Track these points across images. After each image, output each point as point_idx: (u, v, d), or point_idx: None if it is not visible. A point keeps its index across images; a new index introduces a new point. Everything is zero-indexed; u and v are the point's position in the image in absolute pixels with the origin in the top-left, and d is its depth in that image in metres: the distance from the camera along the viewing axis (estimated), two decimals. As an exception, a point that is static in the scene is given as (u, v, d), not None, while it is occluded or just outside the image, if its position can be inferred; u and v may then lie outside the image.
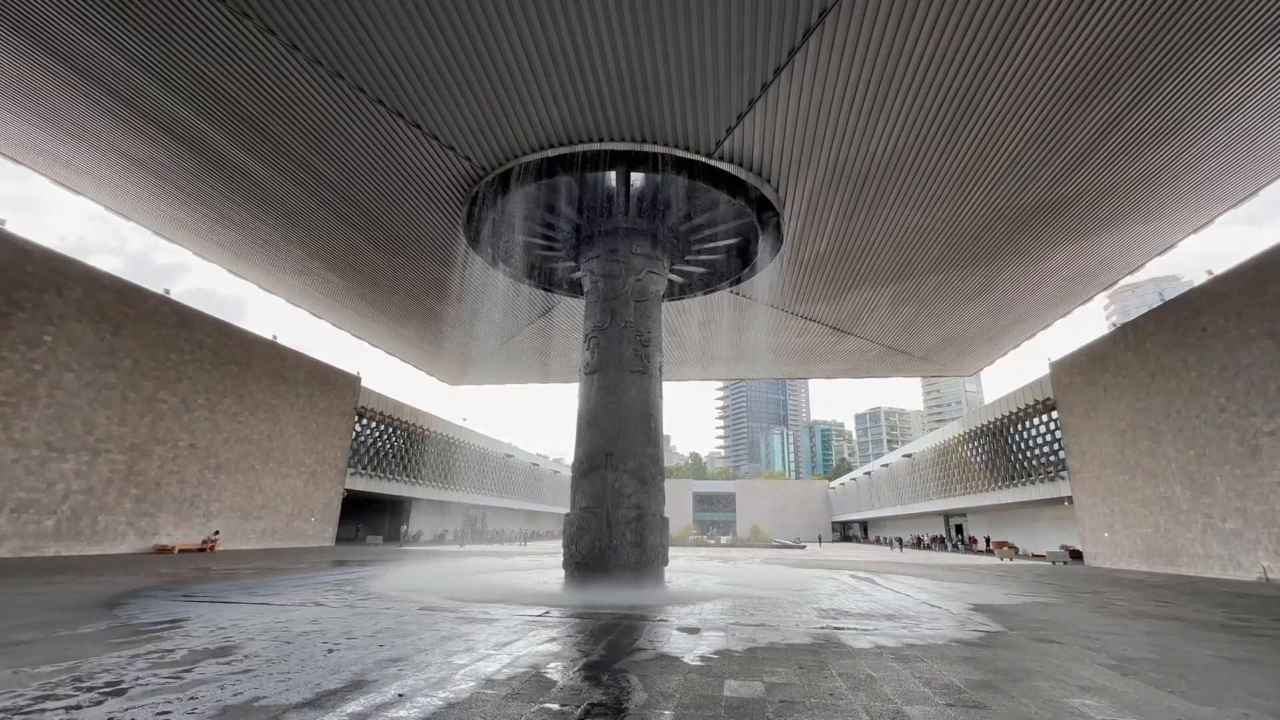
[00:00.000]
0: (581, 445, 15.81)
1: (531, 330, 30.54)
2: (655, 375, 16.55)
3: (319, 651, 6.60)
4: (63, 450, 22.84)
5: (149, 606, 9.75)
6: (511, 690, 5.21)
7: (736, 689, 5.40)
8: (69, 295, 23.22)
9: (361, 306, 30.17)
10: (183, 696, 4.83)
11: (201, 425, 28.93)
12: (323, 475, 37.45)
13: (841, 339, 29.84)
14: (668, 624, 9.04)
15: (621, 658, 6.62)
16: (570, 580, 14.40)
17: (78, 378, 23.40)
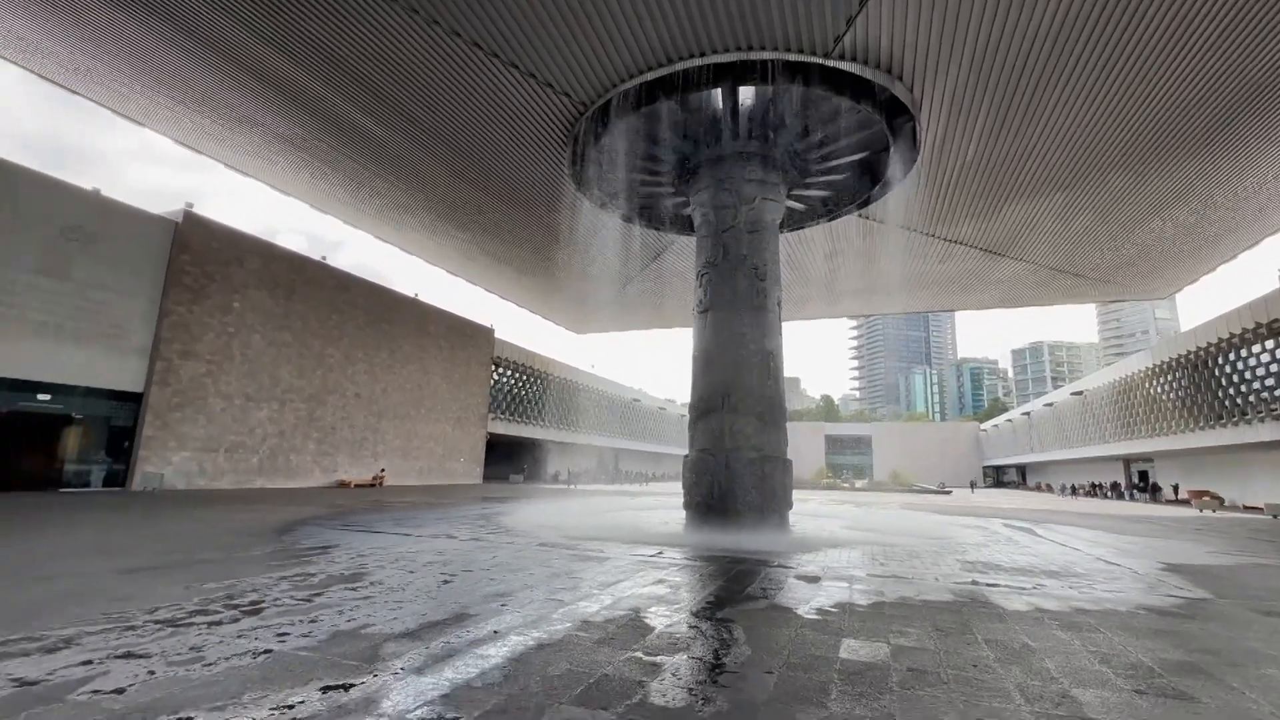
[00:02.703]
0: (697, 387, 15.34)
1: (646, 275, 30.18)
2: (773, 311, 15.46)
3: (435, 583, 6.88)
4: (258, 400, 26.72)
5: (311, 534, 11.00)
6: (605, 635, 4.97)
7: (855, 650, 4.73)
8: (249, 266, 26.58)
9: (488, 262, 31.58)
10: (305, 619, 5.15)
11: (363, 377, 32.44)
12: (467, 420, 40.80)
13: (994, 263, 26.15)
14: (786, 570, 8.47)
15: (729, 605, 6.19)
16: (690, 522, 14.25)
17: (262, 338, 27.01)
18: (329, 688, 3.67)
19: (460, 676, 3.92)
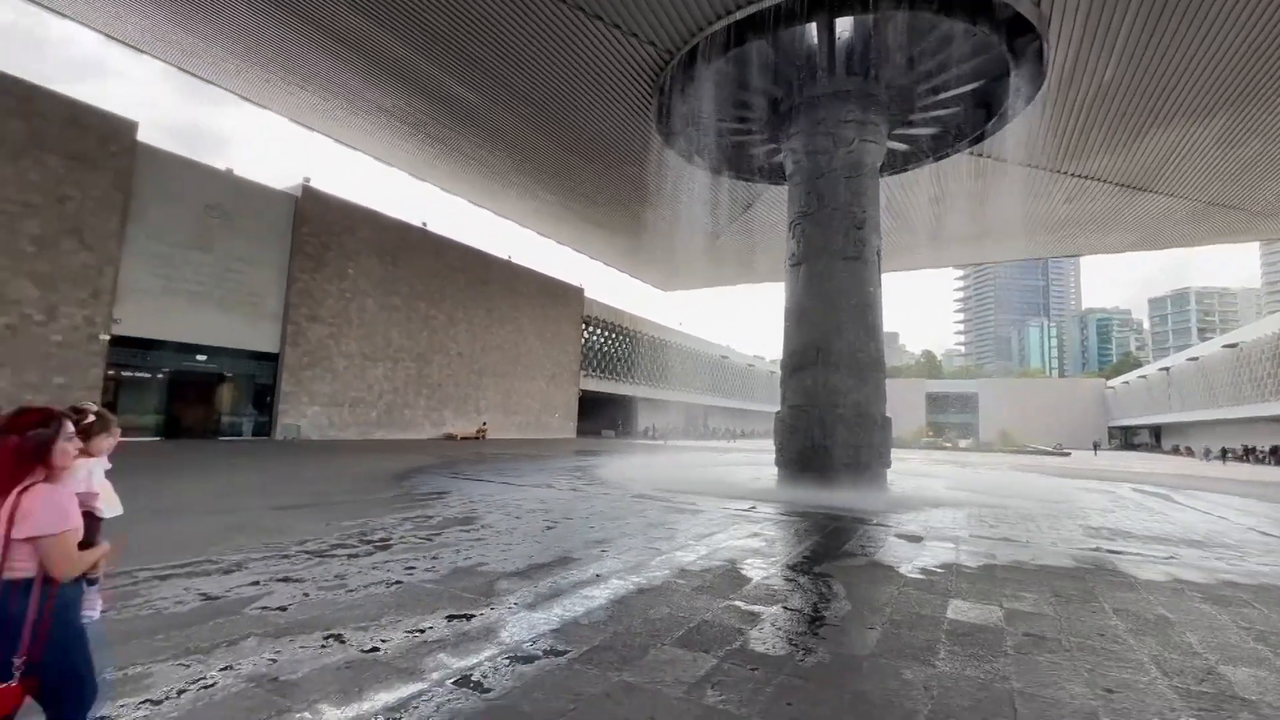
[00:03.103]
0: (790, 342, 14.92)
1: (735, 228, 29.38)
2: (871, 261, 14.62)
3: (539, 528, 7.31)
4: (374, 359, 29.06)
5: (426, 481, 11.98)
6: (703, 583, 5.10)
7: (965, 611, 4.56)
8: (359, 235, 28.53)
9: (577, 222, 31.99)
10: (427, 556, 5.66)
11: (464, 336, 34.32)
12: (560, 377, 42.32)
13: (1133, 199, 23.13)
14: (885, 529, 8.23)
15: (826, 561, 6.13)
16: (782, 478, 14.14)
17: (375, 302, 29.13)
18: (453, 617, 4.04)
19: (568, 614, 4.17)
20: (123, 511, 2.16)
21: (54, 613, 1.76)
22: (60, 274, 18.54)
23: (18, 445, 1.77)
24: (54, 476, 1.85)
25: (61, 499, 1.80)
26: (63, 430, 1.85)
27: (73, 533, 1.79)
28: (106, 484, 2.11)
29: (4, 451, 1.76)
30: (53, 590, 1.75)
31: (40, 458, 1.79)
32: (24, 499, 1.73)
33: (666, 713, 2.81)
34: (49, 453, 1.80)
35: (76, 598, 1.88)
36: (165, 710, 2.66)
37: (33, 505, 1.72)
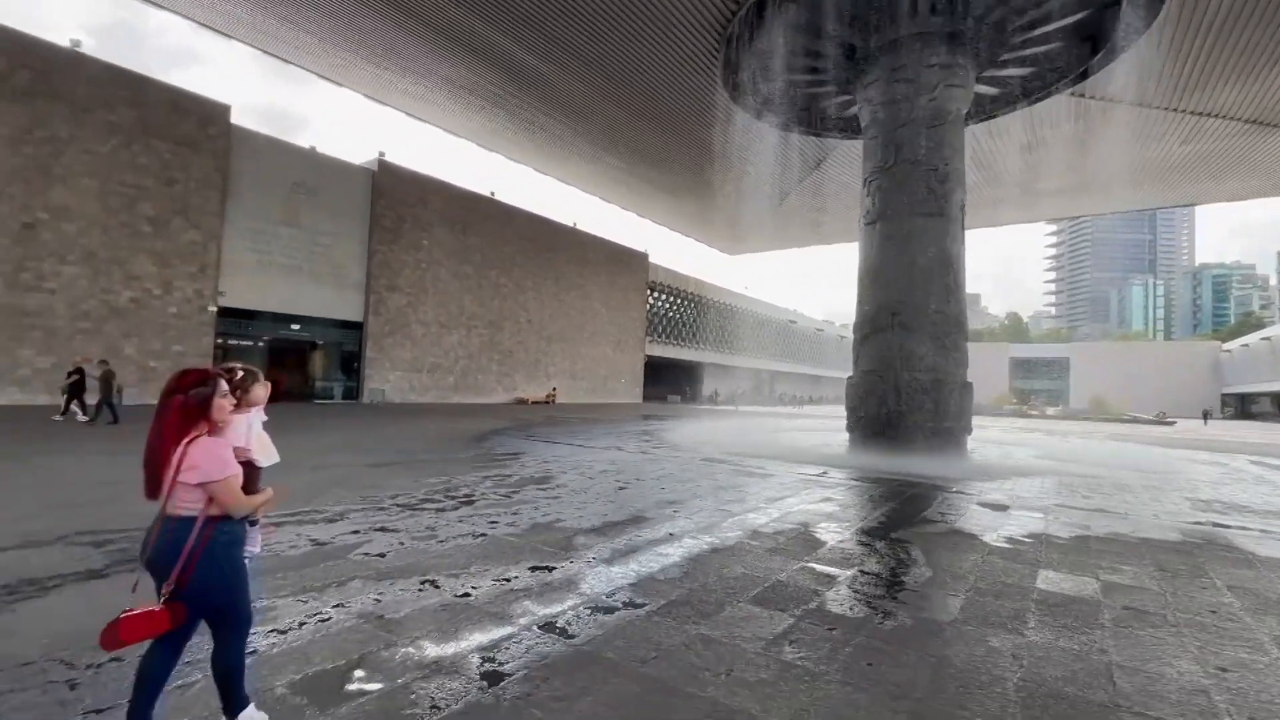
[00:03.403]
0: (863, 305, 14.37)
1: (805, 187, 28.26)
2: (954, 217, 13.74)
3: (611, 488, 7.51)
4: (449, 327, 30.28)
5: (502, 442, 12.50)
6: (776, 545, 5.11)
7: (1056, 582, 4.36)
8: (431, 206, 29.46)
9: (642, 186, 31.70)
10: (508, 511, 5.95)
11: (533, 304, 35.10)
12: (626, 343, 42.71)
13: (1262, 138, 20.50)
14: (966, 497, 7.93)
15: (904, 527, 5.99)
16: (854, 444, 13.81)
17: (448, 271, 30.19)
18: (535, 568, 4.25)
19: (644, 570, 4.30)
20: (279, 460, 2.39)
21: (219, 547, 2.00)
22: (172, 251, 20.25)
23: (183, 403, 1.99)
24: (214, 429, 2.07)
25: (221, 449, 2.02)
26: (219, 388, 2.06)
27: (234, 478, 2.02)
28: (264, 436, 2.33)
29: (172, 409, 1.98)
30: (210, 529, 1.98)
31: (202, 413, 2.01)
32: (190, 450, 1.96)
33: (745, 666, 2.87)
34: (209, 408, 2.02)
35: (239, 536, 2.11)
36: (290, 639, 2.96)
37: (197, 455, 1.95)
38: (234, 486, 2.02)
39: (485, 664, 2.79)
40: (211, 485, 1.96)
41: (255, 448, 2.26)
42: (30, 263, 17.47)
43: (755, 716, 2.42)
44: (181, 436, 1.97)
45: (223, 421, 2.09)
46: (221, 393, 2.06)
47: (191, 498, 1.97)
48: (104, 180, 18.79)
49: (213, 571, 1.98)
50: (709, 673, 2.79)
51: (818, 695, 2.61)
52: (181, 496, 1.96)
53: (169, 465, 1.95)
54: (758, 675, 2.78)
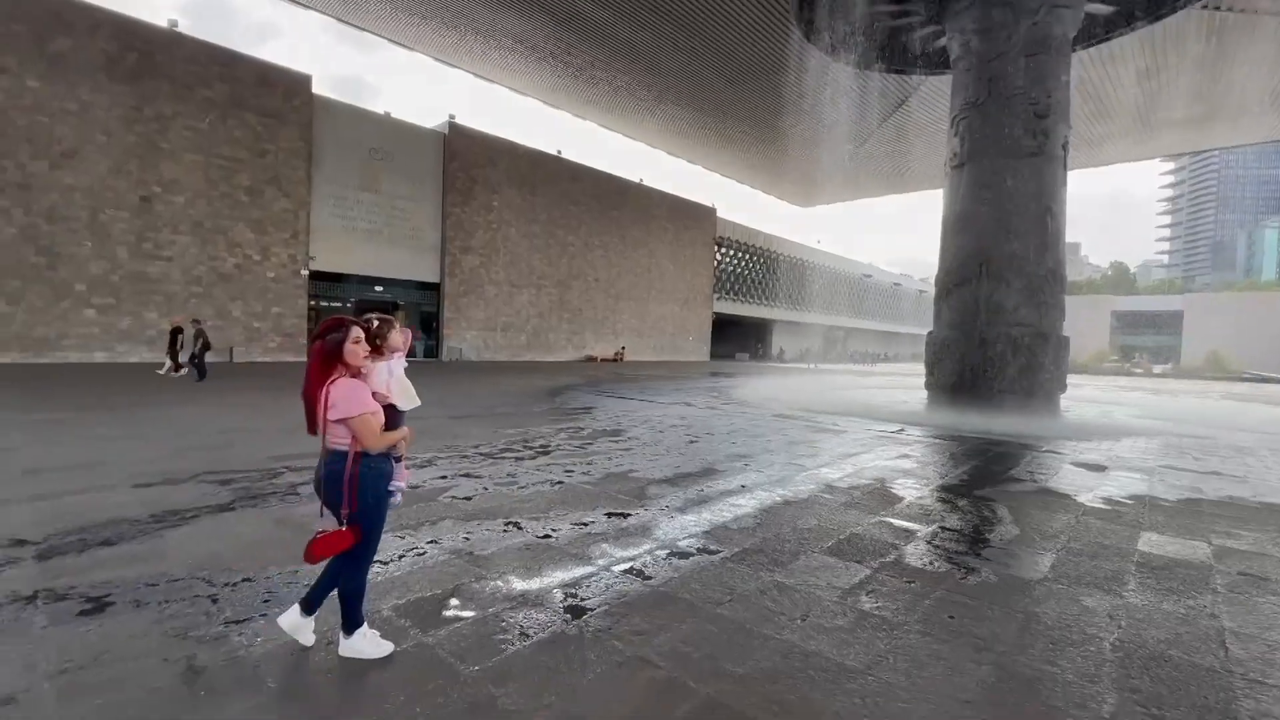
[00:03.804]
0: (947, 255, 13.53)
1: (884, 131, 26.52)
2: (1056, 156, 12.56)
3: (682, 441, 7.60)
4: (520, 286, 30.99)
5: (574, 397, 12.84)
6: (851, 499, 5.04)
7: (1161, 545, 4.08)
8: (500, 167, 29.81)
9: (709, 138, 30.78)
10: (582, 461, 6.15)
11: (600, 262, 35.26)
12: (694, 300, 42.34)
13: None
14: (1058, 456, 7.49)
15: (988, 485, 5.75)
16: (933, 402, 13.26)
17: (517, 231, 30.70)
18: (611, 514, 4.40)
19: (717, 519, 4.36)
20: (420, 404, 2.56)
21: (367, 478, 2.23)
22: (268, 219, 21.63)
23: (321, 348, 2.22)
24: (351, 372, 2.26)
25: (357, 389, 2.22)
26: (349, 334, 2.23)
27: (370, 415, 2.22)
28: (404, 381, 2.50)
29: (314, 354, 2.22)
30: (359, 463, 2.21)
31: (336, 356, 2.21)
32: (331, 390, 2.18)
33: (821, 613, 2.89)
34: (340, 352, 2.21)
35: (382, 470, 2.33)
36: (392, 570, 3.23)
37: (336, 394, 2.17)
38: (369, 423, 2.21)
39: (568, 599, 2.95)
40: (349, 421, 2.18)
41: (395, 391, 2.43)
42: (149, 233, 19.17)
43: (832, 660, 2.45)
44: (324, 378, 2.19)
45: (359, 365, 2.27)
46: (353, 338, 2.23)
47: (341, 433, 2.21)
48: (205, 154, 20.15)
49: (363, 499, 2.23)
50: (784, 617, 2.83)
51: (897, 643, 2.60)
52: (334, 432, 2.21)
53: (319, 404, 2.18)
54: (834, 622, 2.79)
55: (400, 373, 2.47)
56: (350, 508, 2.21)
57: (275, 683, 2.15)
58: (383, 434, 2.26)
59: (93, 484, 4.72)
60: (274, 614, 2.66)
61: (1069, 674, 2.39)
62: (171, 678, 2.15)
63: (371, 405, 2.22)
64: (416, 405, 2.55)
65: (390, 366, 2.43)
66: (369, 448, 2.20)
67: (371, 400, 2.24)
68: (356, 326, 2.28)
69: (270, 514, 4.14)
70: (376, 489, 2.28)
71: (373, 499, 2.27)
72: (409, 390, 2.49)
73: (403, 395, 2.45)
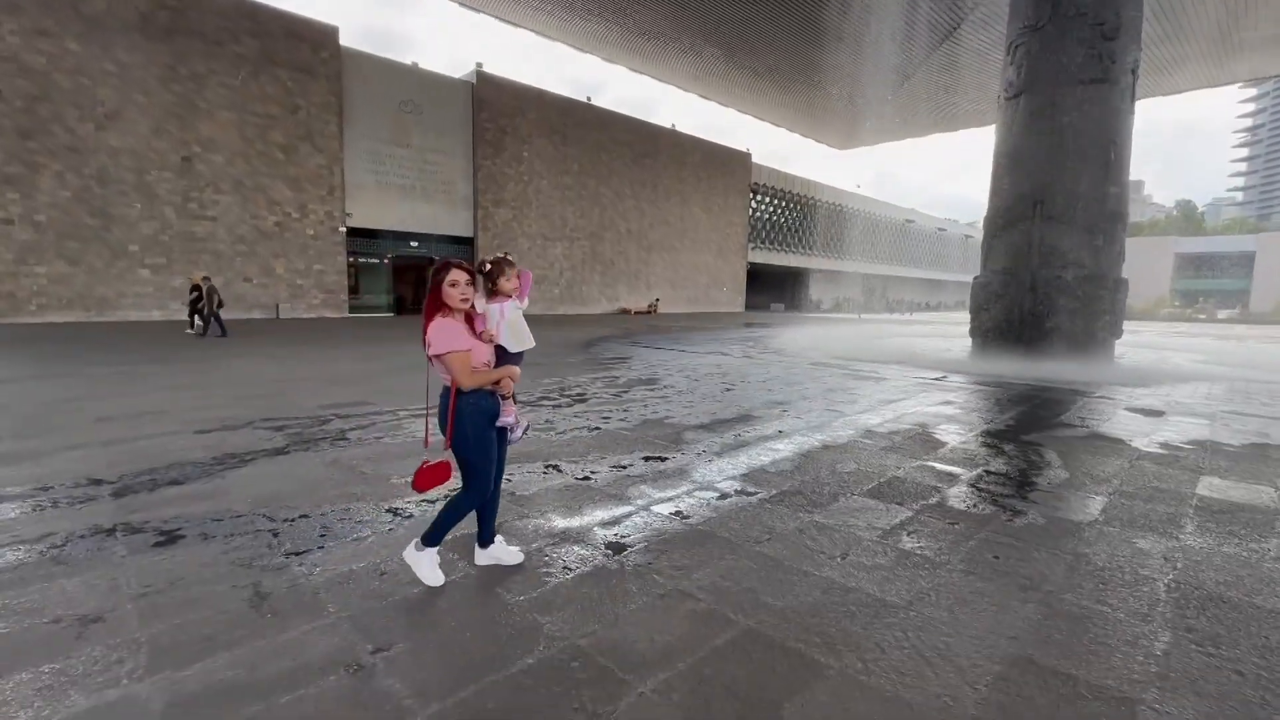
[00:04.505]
0: (998, 195, 12.82)
1: (932, 64, 24.91)
2: (1122, 84, 11.60)
3: (718, 389, 7.57)
4: (552, 239, 30.86)
5: (609, 348, 12.89)
6: (891, 444, 4.96)
7: (1222, 489, 3.92)
8: (530, 116, 29.25)
9: (744, 78, 29.50)
10: (619, 409, 6.20)
11: (632, 213, 34.72)
12: (728, 250, 41.53)
13: None
14: (1111, 402, 7.20)
15: (1036, 431, 5.58)
16: (977, 349, 12.84)
17: (549, 183, 30.35)
18: (648, 458, 4.44)
19: (754, 463, 4.36)
20: (533, 345, 2.61)
21: (464, 414, 2.35)
22: (304, 176, 21.86)
23: (429, 290, 2.32)
24: (450, 313, 2.32)
25: (447, 329, 2.27)
26: (446, 276, 2.29)
27: (459, 354, 2.27)
28: (518, 323, 2.53)
29: (426, 296, 2.32)
30: (459, 398, 2.33)
31: (436, 297, 2.29)
32: (429, 328, 2.27)
33: (861, 551, 2.88)
34: (439, 293, 2.29)
35: (481, 406, 2.38)
36: (438, 508, 3.33)
37: (431, 334, 2.26)
38: (458, 361, 2.27)
39: (609, 536, 3.01)
40: (442, 358, 2.27)
41: (505, 333, 2.47)
42: (193, 193, 19.64)
43: (873, 596, 2.45)
44: (429, 318, 2.29)
45: (458, 306, 2.31)
46: (449, 280, 2.28)
47: (442, 369, 2.33)
48: (240, 111, 20.32)
49: (459, 432, 2.35)
50: (824, 555, 2.83)
51: (939, 581, 2.58)
52: (438, 369, 2.36)
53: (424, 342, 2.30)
54: (874, 560, 2.78)
55: (513, 315, 2.49)
56: (449, 440, 2.35)
57: (335, 606, 2.27)
58: (475, 372, 2.31)
59: (158, 430, 4.99)
60: (330, 547, 2.80)
61: (1120, 613, 2.34)
62: (239, 602, 2.29)
63: (462, 344, 2.27)
64: (528, 348, 2.58)
65: (504, 309, 2.47)
66: (461, 385, 2.28)
67: (464, 339, 2.28)
68: (457, 269, 2.31)
69: (322, 457, 4.32)
70: (476, 424, 2.36)
71: (471, 434, 2.36)
72: (520, 333, 2.52)
73: (513, 338, 2.49)
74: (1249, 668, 1.99)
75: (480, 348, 2.38)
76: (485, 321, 2.44)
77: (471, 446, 2.37)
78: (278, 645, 2.01)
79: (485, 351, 2.40)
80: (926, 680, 1.89)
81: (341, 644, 2.03)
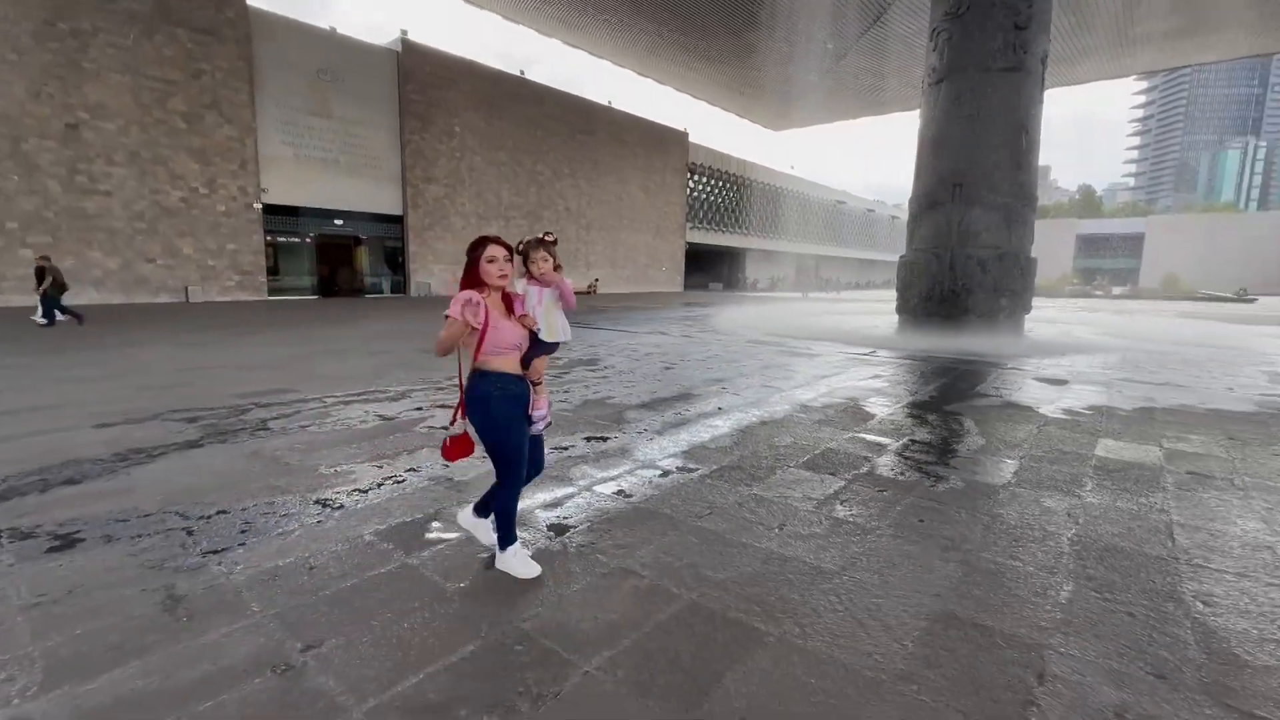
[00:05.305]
0: (922, 177, 13.38)
1: (861, 47, 25.57)
2: (1034, 72, 12.29)
3: (658, 369, 7.62)
4: (488, 218, 29.97)
5: (548, 329, 12.70)
6: (825, 417, 5.15)
7: (1116, 450, 4.29)
8: (460, 88, 28.09)
9: (679, 55, 29.33)
10: (560, 390, 6.13)
11: (570, 191, 34.17)
12: (666, 229, 41.65)
13: None
14: (1022, 373, 7.74)
15: (956, 401, 5.92)
16: (904, 325, 13.48)
17: (483, 159, 29.37)
18: (590, 438, 4.42)
19: (695, 440, 4.42)
20: (566, 339, 2.46)
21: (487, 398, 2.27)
22: (211, 148, 20.21)
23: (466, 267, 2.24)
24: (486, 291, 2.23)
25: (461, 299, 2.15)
26: (483, 251, 2.21)
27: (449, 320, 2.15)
28: (551, 313, 2.36)
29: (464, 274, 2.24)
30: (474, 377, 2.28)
31: (475, 275, 2.21)
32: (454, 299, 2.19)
33: (797, 521, 2.98)
34: (478, 269, 2.21)
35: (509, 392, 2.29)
36: (372, 497, 3.21)
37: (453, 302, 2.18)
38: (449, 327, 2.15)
39: (551, 518, 2.98)
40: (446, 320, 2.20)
41: (540, 319, 2.34)
42: (81, 164, 17.80)
43: (809, 563, 2.54)
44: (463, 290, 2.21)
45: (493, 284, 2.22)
46: (486, 256, 2.20)
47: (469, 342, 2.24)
48: (134, 75, 18.50)
49: (474, 413, 2.30)
50: (762, 527, 2.91)
51: (870, 546, 2.71)
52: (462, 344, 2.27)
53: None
54: (810, 529, 2.89)
55: (549, 303, 2.35)
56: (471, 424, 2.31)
57: (259, 605, 2.14)
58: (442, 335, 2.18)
59: (51, 426, 4.55)
60: (253, 544, 2.64)
61: (1030, 566, 2.53)
62: (150, 607, 2.13)
63: (454, 311, 2.14)
64: (559, 340, 2.44)
65: (542, 294, 2.33)
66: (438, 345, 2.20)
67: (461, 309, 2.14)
68: (495, 245, 2.23)
69: (241, 449, 4.06)
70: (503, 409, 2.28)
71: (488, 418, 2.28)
72: (551, 323, 2.38)
73: (545, 326, 2.36)
74: (1139, 610, 2.20)
75: (511, 328, 2.27)
76: (524, 304, 2.33)
77: (501, 432, 2.30)
78: (196, 650, 1.88)
79: (517, 334, 2.29)
80: (859, 640, 1.99)
81: (267, 644, 1.92)
